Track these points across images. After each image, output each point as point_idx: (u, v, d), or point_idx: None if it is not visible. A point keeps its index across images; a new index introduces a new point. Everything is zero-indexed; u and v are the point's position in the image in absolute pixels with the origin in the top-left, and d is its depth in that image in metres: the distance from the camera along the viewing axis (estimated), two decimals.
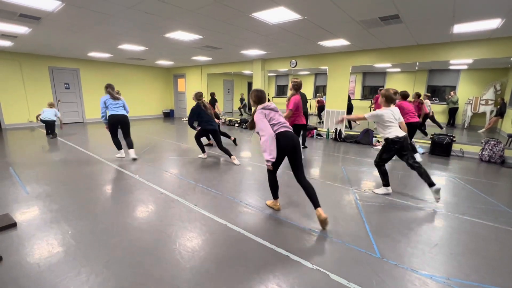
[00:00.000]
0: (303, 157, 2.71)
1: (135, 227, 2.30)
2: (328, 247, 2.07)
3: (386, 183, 3.17)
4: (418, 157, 4.61)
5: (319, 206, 2.32)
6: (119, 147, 4.64)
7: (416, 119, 4.60)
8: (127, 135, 4.55)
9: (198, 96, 4.59)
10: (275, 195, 2.68)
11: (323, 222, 2.28)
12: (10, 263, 1.79)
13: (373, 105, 7.62)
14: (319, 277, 1.72)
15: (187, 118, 5.44)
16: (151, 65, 10.87)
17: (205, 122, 4.53)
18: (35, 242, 2.04)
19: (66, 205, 2.72)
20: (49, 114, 6.50)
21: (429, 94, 7.71)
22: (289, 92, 4.19)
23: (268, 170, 2.56)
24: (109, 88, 4.36)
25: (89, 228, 2.28)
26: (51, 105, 6.74)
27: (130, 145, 4.51)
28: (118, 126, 4.45)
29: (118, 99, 4.39)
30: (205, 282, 1.65)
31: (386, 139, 3.01)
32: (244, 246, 2.04)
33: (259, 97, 2.55)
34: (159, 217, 2.50)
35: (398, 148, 2.97)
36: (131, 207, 2.72)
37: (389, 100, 3.03)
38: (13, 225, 2.26)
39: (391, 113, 2.98)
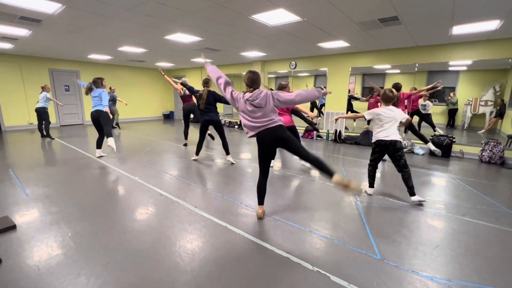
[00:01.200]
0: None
1: (135, 229, 2.30)
2: (329, 249, 2.06)
3: (369, 184, 3.21)
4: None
5: (333, 174, 2.03)
6: (97, 145, 4.70)
7: None
8: (104, 125, 4.51)
9: (204, 82, 4.41)
10: (260, 200, 2.53)
11: (348, 187, 1.96)
12: (10, 266, 1.78)
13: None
14: (320, 279, 1.71)
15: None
16: (151, 67, 10.89)
17: (201, 111, 4.39)
18: (34, 245, 2.03)
19: (65, 207, 2.71)
20: (41, 101, 6.29)
21: (428, 95, 7.70)
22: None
23: (260, 172, 2.44)
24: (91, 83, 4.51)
25: (89, 230, 2.27)
26: (43, 89, 6.38)
27: (106, 134, 4.52)
28: (96, 123, 4.54)
29: (90, 92, 4.51)
30: (205, 285, 1.64)
31: (374, 142, 3.09)
32: (244, 248, 2.04)
33: (252, 80, 2.27)
34: (159, 219, 2.49)
35: (380, 150, 3.05)
36: (131, 209, 2.72)
37: (386, 100, 3.02)
38: (13, 227, 2.26)
39: (390, 112, 2.94)
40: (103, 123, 4.50)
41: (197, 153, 4.60)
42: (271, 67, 8.35)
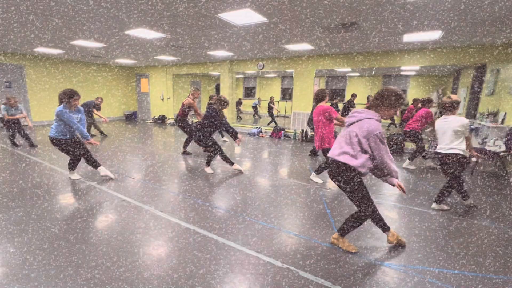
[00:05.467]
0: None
1: (92, 239, 2.10)
2: (297, 245, 2.11)
3: (463, 195, 2.82)
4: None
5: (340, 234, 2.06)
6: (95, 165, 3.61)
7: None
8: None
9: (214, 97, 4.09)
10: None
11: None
12: None
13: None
14: (290, 275, 1.74)
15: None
16: (111, 64, 10.14)
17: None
18: None
19: (6, 219, 2.38)
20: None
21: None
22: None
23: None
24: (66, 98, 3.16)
25: (37, 243, 2.02)
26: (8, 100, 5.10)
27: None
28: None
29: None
30: None
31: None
32: (213, 250, 1.99)
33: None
34: (120, 226, 2.31)
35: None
36: (88, 216, 2.48)
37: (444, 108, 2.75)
38: None
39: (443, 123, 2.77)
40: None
41: (232, 162, 4.06)
42: (239, 67, 8.34)
